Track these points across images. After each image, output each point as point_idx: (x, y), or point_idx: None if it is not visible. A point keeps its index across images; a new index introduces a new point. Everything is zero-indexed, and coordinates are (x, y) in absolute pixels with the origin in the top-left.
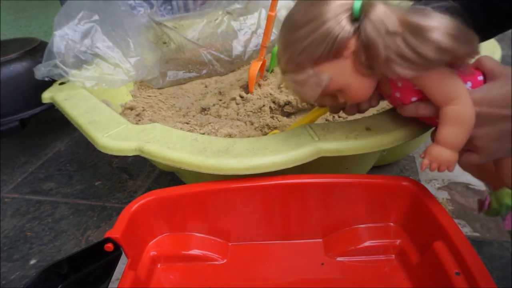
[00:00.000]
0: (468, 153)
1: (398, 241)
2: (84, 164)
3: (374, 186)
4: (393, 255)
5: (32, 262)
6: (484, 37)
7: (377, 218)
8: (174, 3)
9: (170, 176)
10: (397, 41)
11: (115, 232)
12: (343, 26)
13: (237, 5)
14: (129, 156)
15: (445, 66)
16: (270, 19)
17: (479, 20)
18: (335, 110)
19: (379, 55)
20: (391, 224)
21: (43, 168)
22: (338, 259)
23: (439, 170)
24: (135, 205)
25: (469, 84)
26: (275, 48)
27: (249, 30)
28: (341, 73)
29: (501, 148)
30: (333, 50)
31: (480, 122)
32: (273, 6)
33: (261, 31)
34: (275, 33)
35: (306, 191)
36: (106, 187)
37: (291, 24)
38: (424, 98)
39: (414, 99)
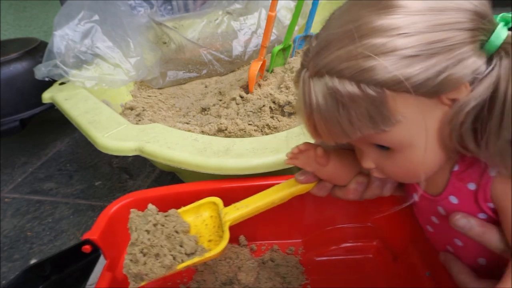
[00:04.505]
0: None
1: (375, 242)
2: (84, 164)
3: None
4: (371, 255)
5: (33, 262)
6: None
7: (356, 218)
8: (174, 3)
9: (170, 176)
10: None
11: (93, 233)
12: (470, 55)
13: (237, 5)
14: (129, 156)
15: None
16: (270, 19)
17: None
18: (321, 188)
19: (504, 126)
20: (369, 224)
21: (43, 168)
22: (318, 259)
23: None
24: (114, 206)
25: None
26: (275, 48)
27: (249, 30)
28: (417, 123)
29: None
30: (437, 82)
31: None
32: (273, 6)
33: (261, 31)
34: (275, 33)
35: None
36: (106, 187)
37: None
38: (490, 220)
39: (482, 216)
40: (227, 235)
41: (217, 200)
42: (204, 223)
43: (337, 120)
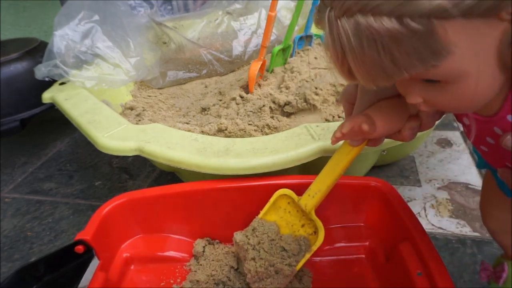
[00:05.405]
0: None
1: (367, 242)
2: (84, 164)
3: (345, 187)
4: (363, 255)
5: None
6: None
7: (349, 218)
8: (174, 3)
9: (170, 176)
10: None
11: (86, 234)
12: None
13: (237, 5)
14: (129, 156)
15: None
16: (270, 19)
17: None
18: (375, 142)
19: None
20: (362, 224)
21: (43, 168)
22: (311, 259)
23: None
24: (108, 207)
25: None
26: (275, 48)
27: (249, 30)
28: (474, 49)
29: None
30: None
31: None
32: (273, 6)
33: (261, 31)
34: (275, 33)
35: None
36: (106, 187)
37: None
38: None
39: None
40: (319, 223)
41: (287, 191)
42: (287, 212)
43: (377, 63)
